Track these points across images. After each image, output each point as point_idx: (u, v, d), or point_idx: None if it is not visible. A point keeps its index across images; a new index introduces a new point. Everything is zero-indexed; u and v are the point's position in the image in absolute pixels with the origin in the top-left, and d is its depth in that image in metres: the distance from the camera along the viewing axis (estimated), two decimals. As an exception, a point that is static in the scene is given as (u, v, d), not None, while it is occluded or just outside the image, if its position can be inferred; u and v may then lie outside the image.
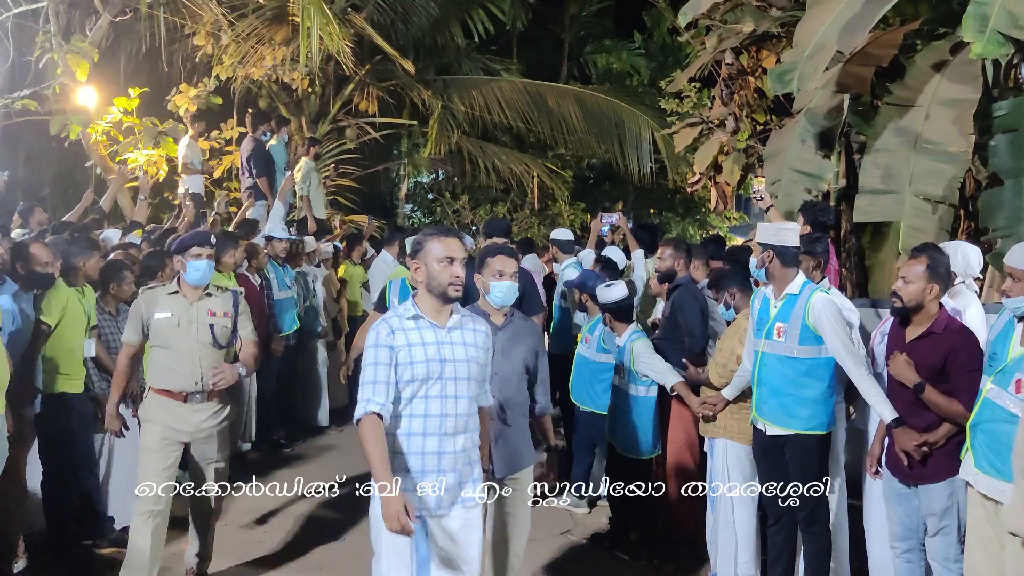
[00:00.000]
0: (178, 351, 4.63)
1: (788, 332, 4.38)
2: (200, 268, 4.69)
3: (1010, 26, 5.55)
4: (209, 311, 4.73)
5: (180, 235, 4.96)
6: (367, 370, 3.28)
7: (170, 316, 4.64)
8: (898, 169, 6.47)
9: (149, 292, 4.74)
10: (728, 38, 8.71)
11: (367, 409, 3.22)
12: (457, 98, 14.07)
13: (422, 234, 3.46)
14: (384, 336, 3.31)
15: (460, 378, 3.38)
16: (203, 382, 4.65)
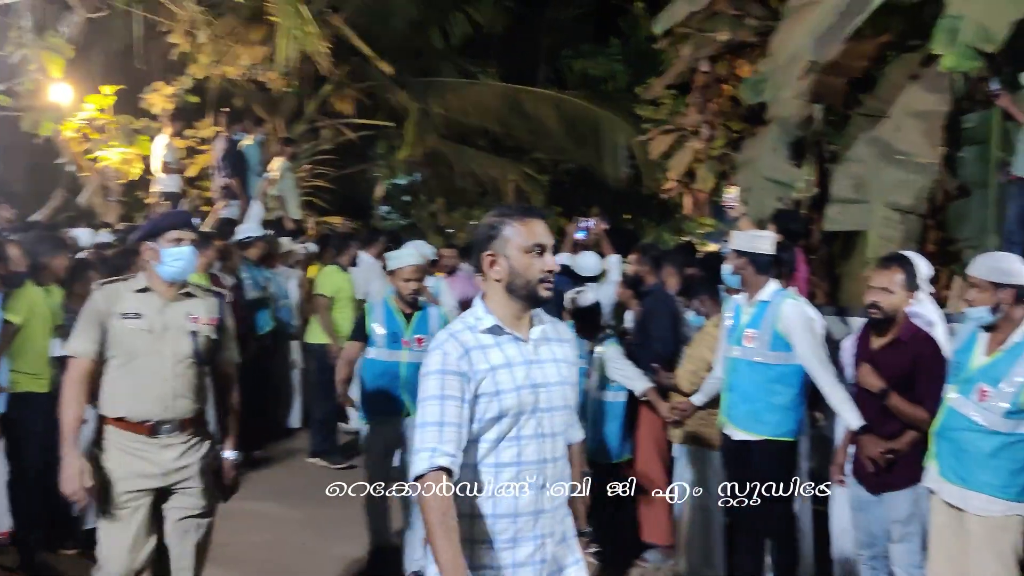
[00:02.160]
0: (145, 366, 3.57)
1: (759, 338, 4.44)
2: (182, 257, 3.62)
3: (980, 40, 5.64)
4: (190, 316, 3.69)
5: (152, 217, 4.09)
6: (429, 407, 2.42)
7: (139, 320, 3.58)
8: (868, 179, 6.55)
9: (109, 288, 3.66)
10: (704, 46, 8.79)
11: (432, 463, 2.37)
12: (434, 101, 14.05)
13: (495, 216, 2.58)
14: (454, 359, 2.45)
15: (556, 408, 2.57)
16: (175, 408, 3.61)
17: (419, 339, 5.13)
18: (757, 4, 8.64)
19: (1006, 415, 3.46)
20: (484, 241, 2.56)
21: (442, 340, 2.51)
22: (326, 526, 5.92)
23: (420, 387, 2.49)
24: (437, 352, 2.48)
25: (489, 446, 2.49)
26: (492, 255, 2.54)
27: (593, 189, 17.46)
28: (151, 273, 3.69)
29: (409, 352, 5.13)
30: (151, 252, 3.67)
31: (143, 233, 3.74)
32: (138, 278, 3.72)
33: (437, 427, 2.41)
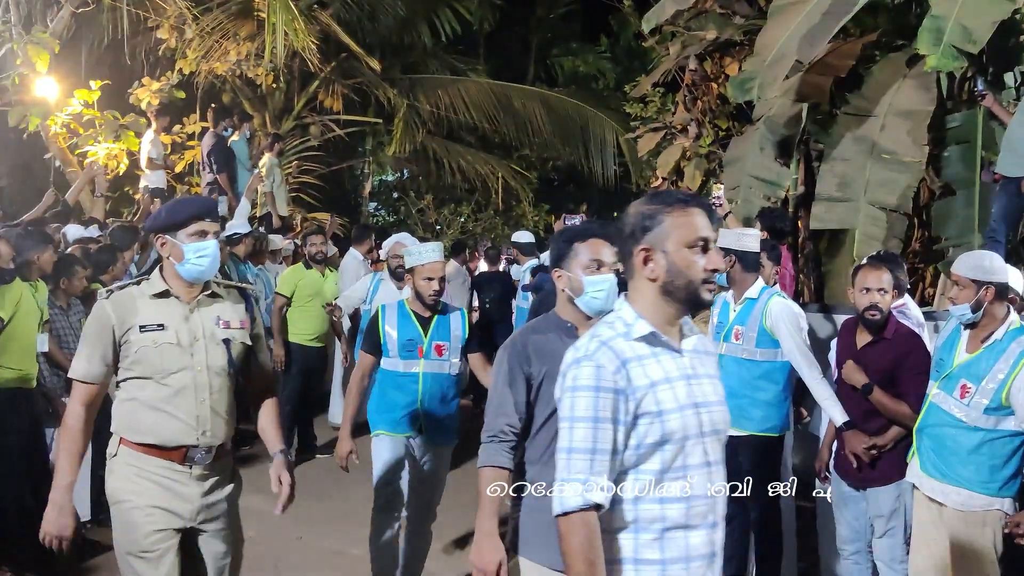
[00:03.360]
0: (174, 385, 3.05)
1: (746, 335, 4.49)
2: (207, 253, 3.07)
3: (964, 41, 5.69)
4: (221, 320, 3.17)
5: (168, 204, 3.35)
6: (579, 431, 2.04)
7: (163, 332, 3.05)
8: (854, 177, 6.59)
9: (120, 296, 3.09)
10: (692, 44, 8.82)
11: (586, 499, 2.00)
12: (423, 97, 14.06)
13: (650, 204, 2.18)
14: (610, 373, 2.06)
15: (719, 432, 2.20)
16: (211, 432, 3.10)
17: (439, 347, 4.50)
18: (744, 3, 8.67)
19: (987, 411, 3.50)
20: (637, 234, 2.16)
21: (593, 349, 2.10)
22: (318, 520, 5.92)
23: (566, 403, 2.09)
24: (588, 364, 2.07)
25: (652, 478, 2.08)
26: (647, 250, 2.14)
27: (581, 186, 17.53)
28: (169, 273, 3.12)
29: (427, 362, 4.49)
30: (170, 248, 3.08)
31: (158, 224, 3.13)
32: (152, 280, 3.13)
33: (588, 455, 2.02)
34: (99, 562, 5.19)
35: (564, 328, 2.95)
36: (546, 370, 2.82)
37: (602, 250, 2.92)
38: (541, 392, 2.87)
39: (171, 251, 3.08)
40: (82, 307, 5.73)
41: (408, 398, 4.51)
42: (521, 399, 2.88)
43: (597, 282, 2.90)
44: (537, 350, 2.91)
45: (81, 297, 5.72)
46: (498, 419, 2.89)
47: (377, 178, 17.09)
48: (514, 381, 2.89)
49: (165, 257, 3.11)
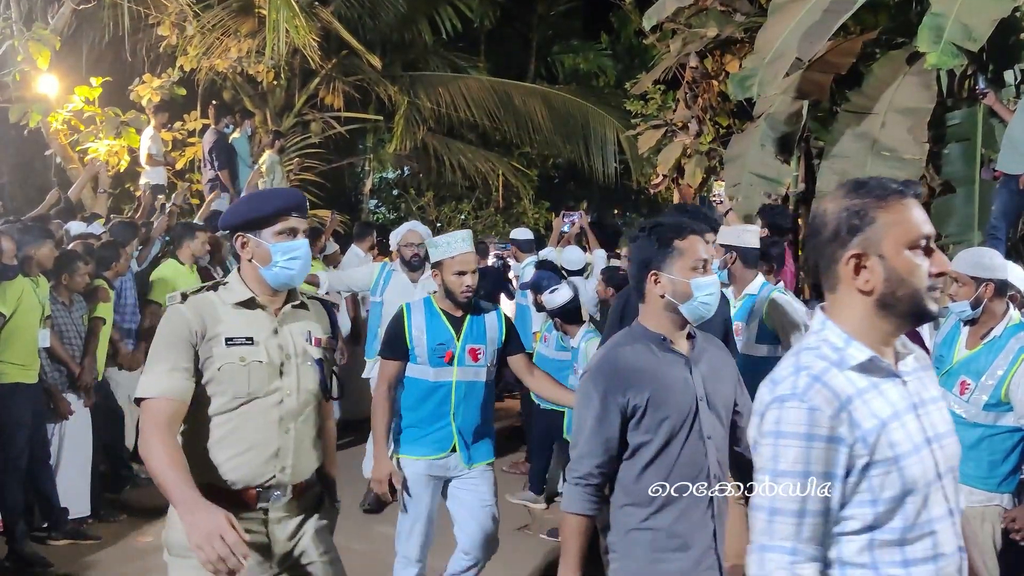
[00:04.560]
0: (260, 412, 2.58)
1: (746, 331, 4.50)
2: (299, 255, 2.64)
3: (964, 38, 5.70)
4: (313, 337, 2.73)
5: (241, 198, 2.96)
6: (784, 487, 1.67)
7: (252, 347, 2.58)
8: (854, 174, 6.58)
9: (199, 300, 2.60)
10: (692, 42, 8.83)
11: (794, 573, 1.66)
12: (423, 95, 14.05)
13: (855, 199, 1.75)
14: (827, 417, 1.65)
15: (954, 469, 1.80)
16: (298, 467, 2.64)
17: (473, 351, 3.91)
18: (745, 0, 8.69)
19: (986, 407, 3.52)
20: (842, 235, 1.75)
21: (803, 387, 1.69)
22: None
23: (766, 452, 1.71)
24: (797, 407, 1.67)
25: (894, 538, 1.68)
26: (858, 256, 1.73)
27: (582, 184, 17.54)
28: (251, 278, 2.66)
29: (461, 368, 3.91)
30: (252, 248, 2.63)
31: (238, 220, 2.66)
32: (232, 286, 2.66)
33: (795, 518, 1.65)
34: (99, 557, 5.21)
35: (656, 340, 2.58)
36: (649, 396, 2.50)
37: (707, 247, 2.61)
38: (643, 423, 2.50)
39: (254, 252, 2.62)
40: (84, 303, 5.74)
41: (439, 412, 3.92)
42: (614, 435, 2.52)
43: (706, 285, 2.54)
44: (632, 373, 2.52)
45: (83, 293, 5.73)
46: (586, 460, 2.55)
47: (378, 175, 17.10)
48: (605, 416, 2.50)
49: (247, 259, 2.64)
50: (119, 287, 6.34)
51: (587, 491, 2.56)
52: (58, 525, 5.38)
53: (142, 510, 5.94)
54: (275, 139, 10.89)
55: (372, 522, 5.71)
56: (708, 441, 2.56)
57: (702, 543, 2.56)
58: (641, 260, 2.61)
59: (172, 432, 2.46)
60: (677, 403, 2.53)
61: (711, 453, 2.56)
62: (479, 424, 3.98)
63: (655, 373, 2.49)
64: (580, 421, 2.60)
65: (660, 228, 2.61)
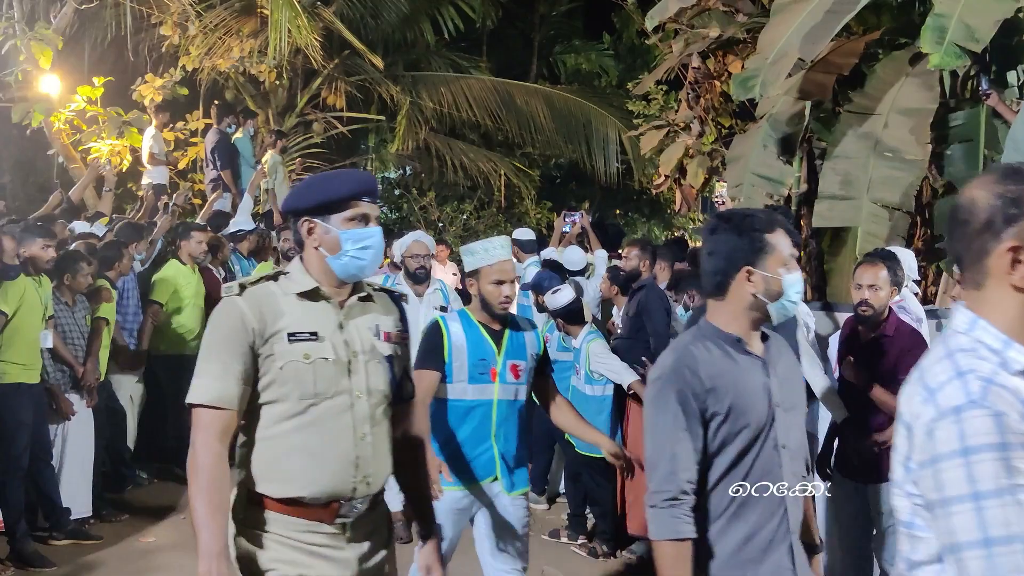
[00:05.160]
0: (328, 415, 2.33)
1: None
2: (371, 243, 2.40)
3: (967, 39, 5.68)
4: (381, 331, 2.48)
5: (306, 180, 2.65)
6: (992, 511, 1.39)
7: (317, 343, 2.34)
8: (856, 175, 6.59)
9: (257, 291, 2.36)
10: (695, 42, 8.81)
11: None
12: (425, 94, 14.05)
13: (1010, 185, 1.54)
14: (1015, 421, 1.43)
15: None
16: (371, 477, 2.38)
17: (515, 367, 3.61)
18: (747, 1, 8.67)
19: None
20: (996, 224, 1.54)
21: (979, 392, 1.45)
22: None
23: (952, 475, 1.43)
24: (981, 414, 1.43)
25: None
26: (1017, 248, 1.52)
27: (583, 184, 17.52)
28: (316, 268, 2.41)
29: (502, 386, 3.60)
30: (320, 235, 2.39)
31: (305, 204, 2.42)
32: (294, 275, 2.42)
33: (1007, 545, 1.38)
34: (100, 557, 5.21)
35: (730, 341, 2.36)
36: (730, 403, 2.28)
37: (792, 241, 2.40)
38: (720, 432, 2.29)
39: (322, 239, 2.38)
40: (87, 304, 5.74)
41: (479, 435, 3.59)
42: (699, 445, 2.27)
43: (795, 282, 2.35)
44: (711, 378, 2.29)
45: (86, 294, 5.73)
46: (675, 476, 2.24)
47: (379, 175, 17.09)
48: (689, 422, 2.25)
49: (313, 247, 2.40)
50: (121, 287, 6.34)
51: (681, 511, 2.24)
52: (60, 525, 5.39)
53: (144, 510, 5.95)
54: (277, 139, 10.90)
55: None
56: (783, 451, 2.34)
57: (776, 561, 2.32)
58: (729, 255, 2.35)
59: (223, 448, 2.25)
60: (756, 410, 2.31)
61: (785, 464, 2.34)
62: (518, 447, 3.65)
63: (734, 377, 2.30)
64: (660, 433, 2.29)
65: (750, 220, 2.36)
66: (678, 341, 2.47)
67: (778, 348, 2.48)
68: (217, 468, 2.23)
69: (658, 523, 2.26)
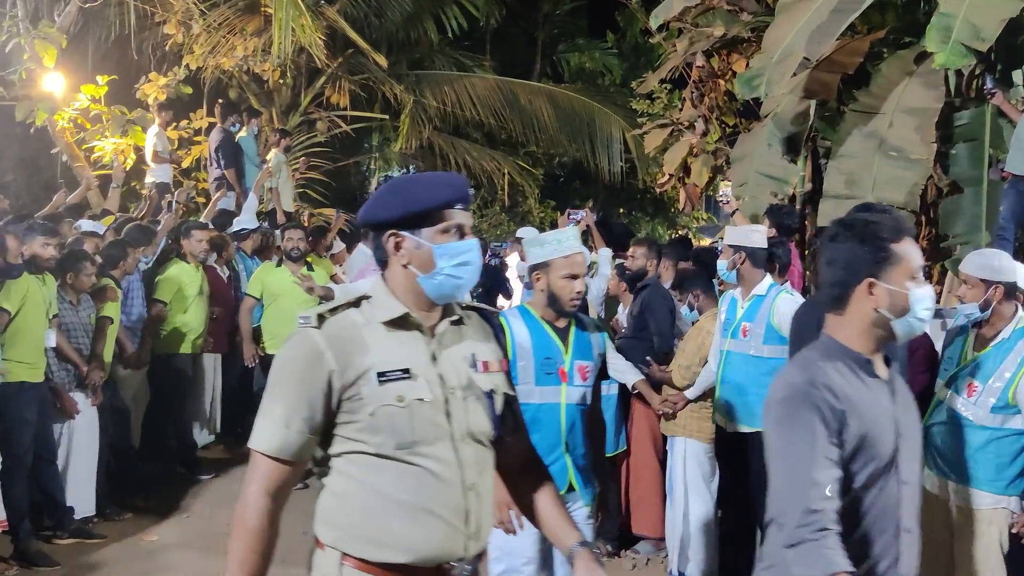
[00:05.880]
0: (431, 462, 1.98)
1: (753, 332, 4.50)
2: (471, 260, 2.07)
3: (972, 38, 5.67)
4: (479, 361, 2.12)
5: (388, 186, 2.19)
6: None
7: (411, 380, 1.99)
8: (861, 174, 6.59)
9: (338, 322, 2.00)
10: (699, 41, 8.80)
11: None
12: (429, 93, 14.04)
13: None
14: None
15: None
16: (483, 533, 2.07)
17: (582, 368, 3.36)
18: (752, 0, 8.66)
19: (994, 410, 3.51)
20: None
21: None
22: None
23: None
24: None
25: None
26: None
27: (587, 183, 17.50)
28: (401, 287, 2.06)
29: (571, 389, 3.33)
30: (410, 251, 2.04)
31: (389, 215, 2.07)
32: (378, 298, 2.06)
33: None
34: (104, 556, 5.21)
35: (859, 362, 2.13)
36: (864, 432, 2.05)
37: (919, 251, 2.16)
38: (851, 465, 2.05)
39: (412, 256, 2.04)
40: (92, 302, 5.74)
41: (549, 442, 3.24)
42: (840, 472, 2.03)
43: (924, 297, 2.12)
44: (846, 401, 2.05)
45: (91, 292, 5.73)
46: (822, 504, 1.98)
47: (383, 174, 17.08)
48: (829, 445, 2.02)
49: (401, 265, 2.05)
50: (126, 286, 6.34)
51: (835, 541, 1.95)
52: (63, 524, 5.39)
53: (147, 509, 5.96)
54: (281, 138, 10.89)
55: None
56: (904, 487, 2.13)
57: None
58: (849, 264, 2.14)
59: (275, 504, 1.99)
60: (884, 442, 2.09)
61: (905, 502, 2.13)
62: (585, 455, 3.38)
63: (866, 403, 2.07)
64: (797, 458, 2.03)
65: (874, 227, 2.14)
66: (802, 357, 2.20)
67: (897, 371, 2.25)
68: (261, 524, 1.97)
69: (809, 560, 1.95)
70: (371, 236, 2.13)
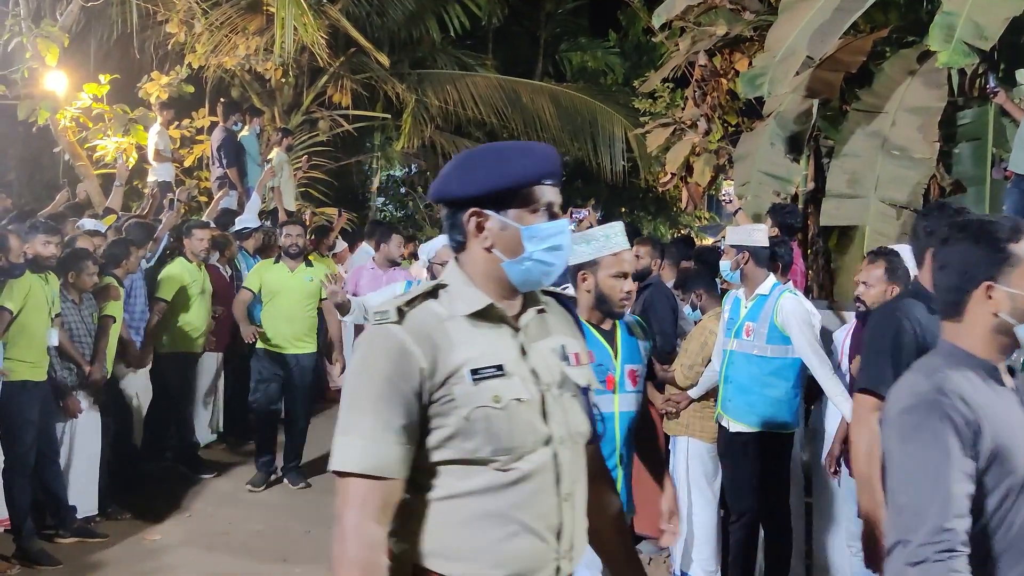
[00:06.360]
0: (527, 470, 1.77)
1: (757, 331, 4.49)
2: (563, 243, 1.85)
3: (975, 37, 5.66)
4: (569, 353, 1.93)
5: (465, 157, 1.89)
6: None
7: (505, 377, 1.77)
8: (864, 174, 6.58)
9: (419, 314, 1.78)
10: (701, 40, 8.80)
11: None
12: (431, 92, 14.04)
13: None
14: None
15: None
16: (577, 549, 1.86)
17: (632, 373, 3.16)
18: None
19: None
20: None
21: None
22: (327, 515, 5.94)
23: None
24: None
25: None
26: None
27: (589, 181, 17.50)
28: (480, 274, 1.83)
29: (623, 396, 3.12)
30: (496, 232, 1.81)
31: (471, 190, 1.80)
32: (454, 288, 1.82)
33: None
34: (106, 556, 5.21)
35: (987, 369, 2.00)
36: (996, 444, 1.88)
37: None
38: (984, 480, 1.89)
39: (496, 238, 1.80)
40: (94, 301, 5.74)
41: (604, 453, 2.70)
42: (973, 487, 1.86)
43: None
44: (979, 411, 1.90)
45: (93, 291, 5.72)
46: (952, 523, 1.81)
47: (385, 173, 17.08)
48: (964, 458, 1.86)
49: (482, 248, 1.81)
50: (129, 285, 6.34)
51: (962, 563, 1.80)
52: (66, 523, 5.39)
53: (149, 508, 5.96)
54: (283, 137, 10.89)
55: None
56: None
57: None
58: (964, 268, 2.01)
59: (382, 530, 1.70)
60: (1020, 456, 1.90)
61: None
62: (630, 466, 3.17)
63: (1000, 414, 1.91)
64: (927, 471, 1.86)
65: (990, 228, 2.01)
66: (925, 363, 2.05)
67: (1020, 380, 2.12)
68: (369, 560, 1.66)
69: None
70: (445, 214, 1.86)
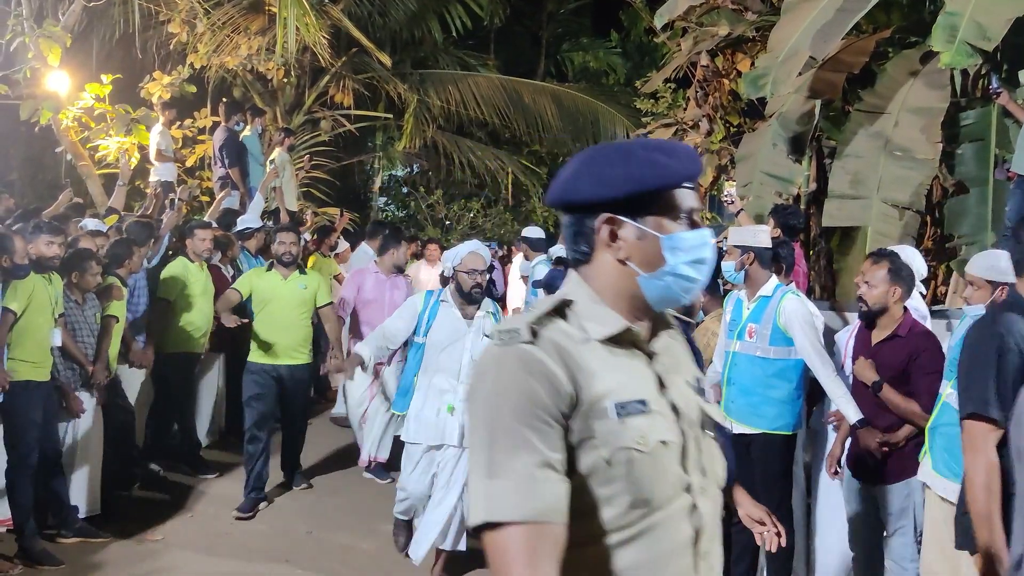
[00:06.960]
0: (660, 527, 1.44)
1: (759, 333, 4.48)
2: (707, 256, 1.55)
3: (978, 37, 5.66)
4: (701, 382, 1.67)
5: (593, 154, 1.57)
6: None
7: (649, 415, 1.47)
8: (867, 175, 6.57)
9: (554, 335, 1.45)
10: (703, 40, 8.79)
11: None
12: (433, 92, 14.06)
13: None
14: None
15: None
16: None
17: None
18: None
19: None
20: None
21: None
22: (329, 516, 5.94)
23: None
24: None
25: None
26: None
27: (591, 182, 17.50)
28: (618, 290, 1.56)
29: None
30: (632, 242, 1.54)
31: (604, 193, 1.52)
32: (582, 307, 1.54)
33: None
34: (106, 556, 5.21)
35: None
36: None
37: None
38: None
39: (632, 249, 1.53)
40: (97, 301, 5.74)
41: None
42: None
43: None
44: None
45: (97, 291, 5.72)
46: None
47: (387, 173, 17.09)
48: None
49: (616, 260, 1.54)
50: (132, 285, 6.34)
51: None
52: (68, 523, 5.39)
53: (152, 509, 5.96)
54: (285, 137, 10.89)
55: (378, 521, 5.70)
56: None
57: None
58: None
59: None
60: None
61: None
62: None
63: None
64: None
65: None
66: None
67: None
68: None
69: None
70: (568, 221, 1.59)
